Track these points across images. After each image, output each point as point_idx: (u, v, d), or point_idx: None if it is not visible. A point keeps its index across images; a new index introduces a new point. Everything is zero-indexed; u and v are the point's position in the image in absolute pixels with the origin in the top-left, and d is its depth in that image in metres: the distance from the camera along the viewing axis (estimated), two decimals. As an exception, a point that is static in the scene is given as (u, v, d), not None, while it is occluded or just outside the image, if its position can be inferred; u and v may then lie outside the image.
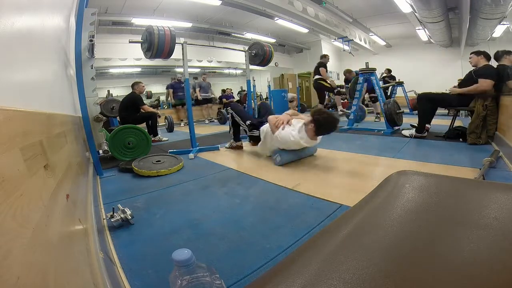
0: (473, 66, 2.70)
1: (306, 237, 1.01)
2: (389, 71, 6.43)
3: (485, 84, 2.44)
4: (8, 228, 0.29)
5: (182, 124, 6.37)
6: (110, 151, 2.23)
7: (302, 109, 8.03)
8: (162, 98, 9.58)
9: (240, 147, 2.81)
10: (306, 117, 2.16)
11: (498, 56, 2.65)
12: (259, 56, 3.48)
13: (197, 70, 9.42)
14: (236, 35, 8.36)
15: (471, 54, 2.75)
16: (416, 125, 2.93)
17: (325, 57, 5.58)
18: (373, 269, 0.31)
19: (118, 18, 6.23)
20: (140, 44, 2.63)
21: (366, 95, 8.05)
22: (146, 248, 1.00)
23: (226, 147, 2.89)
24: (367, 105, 7.99)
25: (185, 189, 1.66)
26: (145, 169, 1.99)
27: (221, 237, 1.04)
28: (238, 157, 2.56)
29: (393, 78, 6.31)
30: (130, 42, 2.63)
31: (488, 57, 2.63)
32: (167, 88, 7.05)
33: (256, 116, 3.19)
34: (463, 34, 7.07)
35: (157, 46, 2.41)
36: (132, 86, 3.88)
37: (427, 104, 2.86)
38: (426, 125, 3.12)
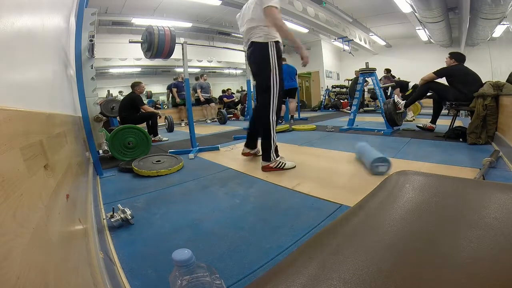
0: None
1: (306, 237, 1.01)
2: (388, 71, 6.43)
3: (427, 76, 3.05)
4: (8, 228, 0.29)
5: (182, 124, 6.36)
6: (110, 151, 2.23)
7: (302, 106, 8.08)
8: (162, 98, 9.57)
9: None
10: None
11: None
12: None
13: (197, 70, 9.41)
14: (236, 35, 8.35)
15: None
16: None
17: None
18: (373, 269, 0.31)
19: (118, 18, 6.23)
20: (140, 44, 2.63)
21: (367, 95, 8.05)
22: (146, 248, 1.00)
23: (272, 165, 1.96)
24: (367, 105, 8.01)
25: (185, 189, 1.66)
26: (145, 169, 1.99)
27: (221, 237, 1.04)
28: (238, 157, 2.56)
29: (393, 77, 6.29)
30: (130, 42, 2.63)
31: (459, 59, 2.97)
32: (168, 88, 7.01)
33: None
34: (463, 34, 7.07)
35: (157, 46, 2.40)
36: (133, 86, 3.88)
37: (425, 90, 3.19)
38: (432, 125, 3.22)
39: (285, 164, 1.98)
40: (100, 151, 2.16)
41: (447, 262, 0.31)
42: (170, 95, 6.87)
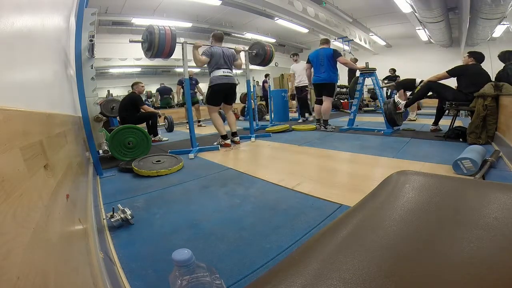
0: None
1: (306, 237, 1.01)
2: (394, 70, 6.43)
3: (440, 74, 3.02)
4: (8, 228, 0.29)
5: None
6: (110, 151, 2.22)
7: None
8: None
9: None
10: None
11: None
12: (260, 56, 3.46)
13: (197, 70, 9.39)
14: (236, 35, 8.36)
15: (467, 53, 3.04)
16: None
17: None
18: (373, 269, 0.31)
19: (118, 18, 6.24)
20: (140, 44, 2.63)
21: (367, 95, 8.04)
22: (146, 248, 1.00)
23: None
24: (367, 105, 8.02)
25: (185, 189, 1.66)
26: (145, 169, 1.99)
27: (221, 237, 1.04)
28: (238, 157, 2.56)
29: (397, 77, 6.28)
30: (130, 41, 2.62)
31: (478, 59, 2.88)
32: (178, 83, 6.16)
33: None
34: (463, 34, 7.07)
35: (157, 45, 2.40)
36: (132, 86, 3.90)
37: (425, 90, 3.18)
38: (434, 126, 3.22)
39: None
40: (100, 151, 2.16)
41: (447, 262, 0.31)
42: (181, 91, 5.99)
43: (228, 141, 3.05)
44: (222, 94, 3.01)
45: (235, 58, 3.10)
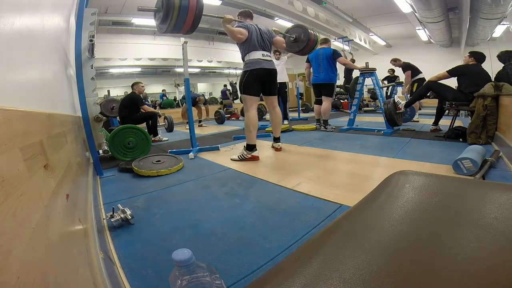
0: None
1: (306, 237, 1.01)
2: (393, 71, 6.44)
3: (440, 74, 3.01)
4: (8, 228, 0.29)
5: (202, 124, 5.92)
6: (110, 151, 2.22)
7: (306, 109, 8.07)
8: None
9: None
10: None
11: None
12: (301, 42, 2.70)
13: (197, 70, 9.41)
14: (236, 35, 8.35)
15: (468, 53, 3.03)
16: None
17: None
18: (373, 269, 0.31)
19: (118, 18, 6.23)
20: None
21: (367, 96, 8.04)
22: (146, 248, 1.00)
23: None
24: (367, 105, 8.01)
25: (185, 189, 1.66)
26: (145, 169, 1.99)
27: (221, 237, 1.04)
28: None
29: (396, 77, 6.28)
30: (139, 9, 1.97)
31: (478, 59, 2.87)
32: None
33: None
34: (463, 34, 7.08)
35: (177, 15, 1.80)
36: (132, 86, 3.91)
37: (425, 90, 3.20)
38: (434, 126, 3.22)
39: None
40: (100, 151, 2.16)
41: (447, 262, 0.31)
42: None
43: (256, 153, 2.32)
44: (260, 82, 2.35)
45: (273, 35, 2.43)
